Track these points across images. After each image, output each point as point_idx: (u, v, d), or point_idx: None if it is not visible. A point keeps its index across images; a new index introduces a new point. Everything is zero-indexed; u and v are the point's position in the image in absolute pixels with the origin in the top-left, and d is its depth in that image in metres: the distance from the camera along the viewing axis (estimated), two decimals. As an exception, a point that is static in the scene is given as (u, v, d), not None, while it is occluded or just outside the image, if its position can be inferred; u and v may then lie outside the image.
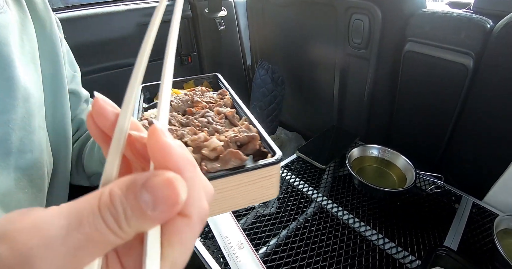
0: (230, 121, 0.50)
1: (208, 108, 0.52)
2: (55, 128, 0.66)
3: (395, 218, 0.99)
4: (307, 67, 1.64)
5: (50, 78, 0.64)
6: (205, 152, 0.40)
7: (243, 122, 0.49)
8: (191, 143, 0.41)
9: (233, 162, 0.40)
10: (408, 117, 1.30)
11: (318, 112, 1.74)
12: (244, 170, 0.40)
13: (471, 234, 0.96)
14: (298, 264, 0.83)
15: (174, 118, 0.47)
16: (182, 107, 0.52)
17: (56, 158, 0.67)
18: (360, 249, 0.88)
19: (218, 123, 0.48)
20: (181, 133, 0.43)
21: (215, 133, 0.46)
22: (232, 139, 0.42)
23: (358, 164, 1.13)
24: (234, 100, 0.57)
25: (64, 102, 0.67)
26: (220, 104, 0.54)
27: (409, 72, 1.20)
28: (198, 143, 0.41)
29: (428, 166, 1.11)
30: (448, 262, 0.81)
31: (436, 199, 1.08)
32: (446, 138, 1.21)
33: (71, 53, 0.77)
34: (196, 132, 0.44)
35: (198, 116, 0.49)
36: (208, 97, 0.56)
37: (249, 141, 0.43)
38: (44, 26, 0.64)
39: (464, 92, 1.08)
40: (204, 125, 0.47)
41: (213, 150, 0.40)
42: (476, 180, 1.18)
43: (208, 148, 0.41)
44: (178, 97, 0.54)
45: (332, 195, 1.07)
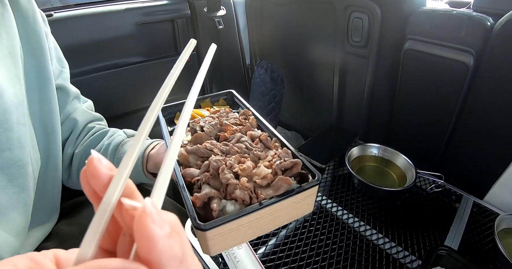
0: (265, 144, 0.55)
1: (239, 131, 0.56)
2: (43, 125, 0.64)
3: (395, 217, 0.98)
4: (306, 66, 1.63)
5: (34, 72, 0.62)
6: (258, 180, 0.45)
7: (275, 144, 0.54)
8: (242, 173, 0.46)
9: (283, 188, 0.45)
10: (408, 116, 1.29)
11: (318, 111, 1.73)
12: (294, 193, 0.45)
13: (472, 233, 0.95)
14: (297, 264, 0.82)
15: (215, 147, 0.51)
16: (214, 131, 0.56)
17: (46, 155, 0.65)
18: (360, 249, 0.87)
19: (255, 148, 0.52)
20: (229, 163, 0.47)
21: (258, 159, 0.50)
22: (278, 166, 0.46)
23: (358, 164, 1.12)
24: (257, 119, 0.62)
25: (51, 97, 0.66)
26: (248, 127, 0.58)
27: (409, 71, 1.19)
28: (249, 173, 0.46)
29: (428, 166, 1.10)
30: (448, 262, 0.80)
31: (436, 198, 1.07)
32: (446, 137, 1.20)
33: (59, 49, 0.75)
34: (241, 160, 0.49)
35: (235, 141, 0.53)
36: (233, 118, 0.61)
37: (293, 166, 0.47)
38: (27, 19, 0.61)
39: (464, 90, 1.07)
40: (244, 151, 0.51)
41: (263, 178, 0.45)
42: (477, 179, 1.17)
43: (259, 176, 0.45)
44: (208, 121, 0.58)
45: (332, 195, 1.06)
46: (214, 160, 0.48)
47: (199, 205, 0.44)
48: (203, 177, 0.47)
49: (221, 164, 0.47)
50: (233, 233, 0.43)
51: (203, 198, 0.44)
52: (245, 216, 0.42)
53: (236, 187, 0.45)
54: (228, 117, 0.61)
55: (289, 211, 0.48)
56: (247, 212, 0.42)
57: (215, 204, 0.43)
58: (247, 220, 0.43)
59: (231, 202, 0.45)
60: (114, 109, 1.58)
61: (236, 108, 0.75)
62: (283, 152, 0.50)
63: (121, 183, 0.23)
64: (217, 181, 0.46)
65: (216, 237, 0.42)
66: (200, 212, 0.44)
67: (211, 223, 0.40)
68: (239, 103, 0.73)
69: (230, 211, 0.44)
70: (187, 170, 0.49)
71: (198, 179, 0.47)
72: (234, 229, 0.43)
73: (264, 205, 0.43)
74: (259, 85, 1.62)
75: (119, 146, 0.75)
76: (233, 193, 0.44)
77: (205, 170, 0.48)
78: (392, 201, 1.04)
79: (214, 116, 0.62)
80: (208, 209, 0.43)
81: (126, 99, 1.63)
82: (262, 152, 0.52)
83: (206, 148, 0.51)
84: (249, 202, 0.44)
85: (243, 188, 0.44)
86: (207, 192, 0.44)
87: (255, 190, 0.45)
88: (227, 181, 0.45)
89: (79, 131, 0.77)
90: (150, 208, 0.20)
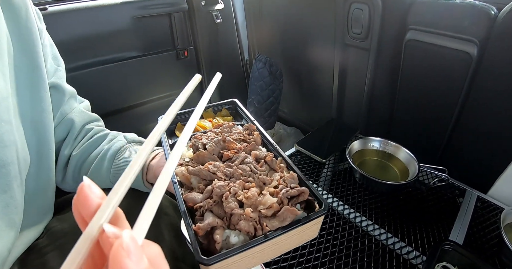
0: (270, 166, 0.54)
1: (243, 150, 0.55)
2: (34, 124, 0.61)
3: (397, 212, 0.96)
4: (305, 60, 1.60)
5: (25, 70, 0.60)
6: (263, 210, 0.44)
7: (280, 165, 0.54)
8: (247, 202, 0.44)
9: (289, 218, 0.44)
10: (410, 109, 1.26)
11: (317, 106, 1.70)
12: (300, 224, 0.44)
13: (477, 228, 0.93)
14: (297, 261, 0.79)
15: (218, 170, 0.49)
16: (216, 149, 0.55)
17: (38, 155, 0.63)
18: (362, 244, 0.85)
19: (260, 171, 0.51)
20: (233, 190, 0.46)
21: (263, 184, 0.50)
22: (285, 195, 0.45)
23: (359, 158, 1.10)
24: (262, 134, 0.61)
25: (44, 96, 0.63)
26: (253, 145, 0.57)
27: (410, 62, 1.16)
28: (254, 201, 0.45)
29: (430, 160, 1.07)
30: (454, 257, 0.77)
31: (439, 192, 1.05)
32: (449, 131, 1.18)
33: (55, 46, 0.72)
34: (245, 185, 0.48)
35: (238, 162, 0.52)
36: (236, 133, 0.60)
37: (299, 194, 0.46)
38: (19, 15, 0.58)
39: (467, 81, 1.04)
40: (248, 175, 0.50)
41: (269, 208, 0.44)
42: (480, 174, 1.15)
43: (264, 205, 0.44)
44: (210, 138, 0.57)
45: (332, 189, 1.03)
46: (217, 186, 0.46)
47: (202, 235, 0.42)
48: (206, 204, 0.45)
49: (225, 191, 0.46)
50: (236, 263, 0.42)
51: (205, 228, 0.42)
52: (249, 249, 0.41)
53: (240, 217, 0.43)
54: (232, 132, 0.60)
55: (294, 239, 0.47)
56: (251, 245, 0.41)
57: (218, 235, 0.42)
58: (251, 252, 0.42)
59: (235, 232, 0.43)
60: (110, 105, 1.55)
61: (239, 119, 0.74)
62: (289, 177, 0.49)
63: (108, 211, 0.23)
64: (221, 209, 0.45)
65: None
66: (202, 241, 0.43)
67: (215, 258, 0.39)
68: (242, 114, 0.72)
69: (234, 242, 0.43)
70: (189, 194, 0.48)
71: (201, 206, 0.46)
72: (237, 261, 0.42)
73: (270, 238, 0.42)
74: (258, 79, 1.59)
75: (119, 152, 0.73)
76: (238, 224, 0.43)
77: (208, 196, 0.47)
78: (394, 196, 1.01)
79: (217, 131, 0.60)
80: (211, 239, 0.42)
81: (122, 95, 1.60)
82: (267, 175, 0.52)
83: (209, 171, 0.49)
84: (254, 233, 0.43)
85: (247, 218, 0.43)
86: (210, 222, 0.43)
87: (260, 220, 0.44)
88: (231, 211, 0.44)
89: (77, 133, 0.74)
90: (127, 243, 0.19)
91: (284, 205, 0.45)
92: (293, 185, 0.48)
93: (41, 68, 0.62)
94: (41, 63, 0.62)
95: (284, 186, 0.48)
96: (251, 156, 0.54)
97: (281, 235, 0.43)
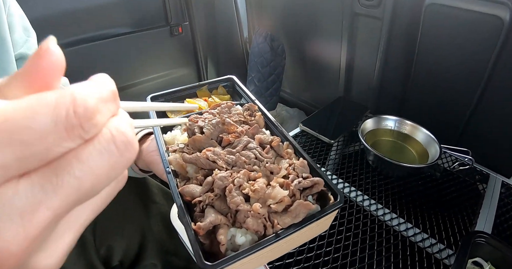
0: (276, 152, 0.49)
1: (245, 133, 0.50)
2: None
3: (417, 199, 0.85)
4: (310, 33, 1.47)
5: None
6: (273, 206, 0.39)
7: (287, 150, 0.49)
8: (254, 195, 0.40)
9: (302, 214, 0.40)
10: (427, 85, 1.14)
11: (323, 84, 1.58)
12: (315, 220, 0.40)
13: (504, 217, 0.82)
14: (305, 256, 0.68)
15: (219, 158, 0.44)
16: (215, 133, 0.50)
17: None
18: (379, 236, 0.74)
19: (267, 159, 0.47)
20: (237, 181, 0.41)
21: (270, 173, 0.45)
22: (297, 186, 0.41)
23: (372, 138, 0.98)
24: (264, 115, 0.56)
25: (9, 68, 0.60)
26: (256, 128, 0.52)
27: (430, 31, 1.03)
28: (262, 195, 0.40)
29: (447, 142, 0.96)
30: (486, 252, 0.66)
31: (459, 177, 0.94)
32: (470, 109, 1.06)
33: (25, 17, 0.68)
34: (250, 175, 0.43)
35: (241, 148, 0.47)
36: (236, 114, 0.55)
37: (313, 185, 0.42)
38: None
39: (496, 52, 0.92)
40: (253, 163, 0.45)
41: (280, 202, 0.39)
42: (504, 157, 1.04)
43: (274, 199, 0.40)
44: (208, 120, 0.51)
45: (343, 174, 0.92)
46: (219, 178, 0.41)
47: (202, 235, 0.37)
48: (206, 198, 0.40)
49: (228, 183, 0.40)
50: (243, 265, 0.38)
51: (207, 227, 0.37)
52: (259, 251, 0.37)
53: (247, 214, 0.38)
54: (231, 112, 0.55)
55: (306, 235, 0.44)
56: (261, 247, 0.36)
57: (222, 236, 0.37)
58: (260, 253, 0.37)
59: (241, 231, 0.39)
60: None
61: (238, 99, 0.69)
62: (300, 165, 0.45)
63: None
64: (224, 204, 0.40)
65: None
66: (204, 241, 0.38)
67: (219, 264, 0.34)
68: (241, 93, 0.66)
69: (241, 243, 0.38)
70: (186, 187, 0.42)
71: (201, 201, 0.40)
72: (245, 263, 0.37)
73: (281, 237, 0.38)
74: (258, 55, 1.46)
75: None
76: (245, 222, 0.38)
77: (208, 189, 0.41)
78: (412, 181, 0.90)
79: (215, 112, 0.54)
80: (213, 238, 0.38)
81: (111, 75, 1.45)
82: (274, 163, 0.47)
83: (208, 159, 0.44)
84: (263, 232, 0.38)
85: (255, 215, 0.38)
86: (212, 221, 0.38)
87: (270, 217, 0.39)
88: (237, 207, 0.39)
89: None
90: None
91: (296, 198, 0.41)
92: (304, 174, 0.44)
93: (5, 39, 0.59)
94: (5, 34, 0.59)
95: (295, 175, 0.43)
96: (254, 141, 0.49)
97: (294, 233, 0.38)
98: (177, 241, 0.80)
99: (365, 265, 0.67)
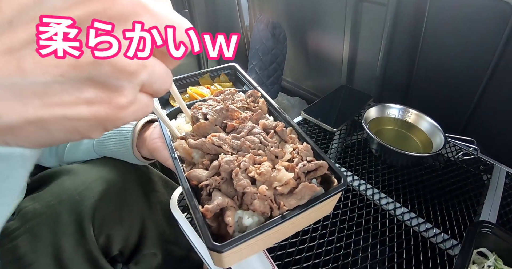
0: (280, 137, 0.50)
1: (249, 119, 0.51)
2: None
3: (421, 189, 0.83)
4: (312, 20, 1.44)
5: None
6: (279, 188, 0.40)
7: (291, 135, 0.50)
8: (260, 178, 0.40)
9: (307, 196, 0.41)
10: (432, 74, 1.12)
11: (325, 73, 1.55)
12: (320, 202, 0.40)
13: (509, 208, 0.81)
14: (307, 245, 0.67)
15: (224, 142, 0.45)
16: (219, 119, 0.50)
17: None
18: (383, 225, 0.72)
19: (271, 143, 0.47)
20: (243, 164, 0.41)
21: (275, 157, 0.45)
22: (301, 169, 0.42)
23: (375, 126, 0.96)
24: (267, 101, 0.57)
25: None
26: (259, 113, 0.53)
27: (436, 16, 1.00)
28: (268, 178, 0.41)
29: (452, 132, 0.94)
30: (490, 242, 0.65)
31: (463, 167, 0.93)
32: (476, 98, 1.04)
33: None
34: (256, 159, 0.43)
35: (245, 133, 0.47)
36: (239, 101, 0.55)
37: (317, 168, 0.43)
38: None
39: (504, 38, 0.90)
40: (258, 147, 0.46)
41: (285, 184, 0.40)
42: (509, 147, 1.02)
43: (280, 182, 0.40)
44: (211, 107, 0.51)
45: (346, 162, 0.90)
46: (225, 161, 0.41)
47: (210, 217, 0.38)
48: (212, 181, 0.41)
49: (234, 167, 0.41)
50: (250, 247, 0.39)
51: (215, 210, 0.38)
52: (265, 232, 0.38)
53: (254, 196, 0.39)
54: (234, 99, 0.56)
55: (311, 216, 0.45)
56: (268, 228, 0.38)
57: (229, 218, 0.37)
58: (267, 234, 0.39)
59: (248, 213, 0.40)
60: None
61: (240, 86, 0.70)
62: (304, 149, 0.45)
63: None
64: (230, 187, 0.41)
65: (232, 254, 0.37)
66: (211, 224, 0.38)
67: (228, 244, 0.35)
68: (243, 80, 0.67)
69: (248, 224, 0.39)
70: (193, 171, 0.43)
71: (207, 184, 0.41)
72: (252, 244, 0.38)
73: (288, 218, 0.39)
74: (259, 42, 1.43)
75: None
76: (252, 204, 0.39)
77: (215, 173, 0.42)
78: (416, 170, 0.89)
79: (218, 99, 0.55)
80: (221, 221, 0.39)
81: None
82: (278, 147, 0.48)
83: (213, 144, 0.44)
84: (270, 214, 0.39)
85: (262, 197, 0.39)
86: (219, 203, 0.38)
87: (276, 199, 0.40)
88: (244, 189, 0.39)
89: None
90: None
91: (301, 181, 0.41)
92: (309, 158, 0.44)
93: None
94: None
95: (299, 159, 0.44)
96: (258, 126, 0.50)
97: (300, 214, 0.39)
98: (177, 230, 0.79)
99: (368, 254, 0.65)
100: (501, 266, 0.63)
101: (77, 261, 0.67)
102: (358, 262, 0.64)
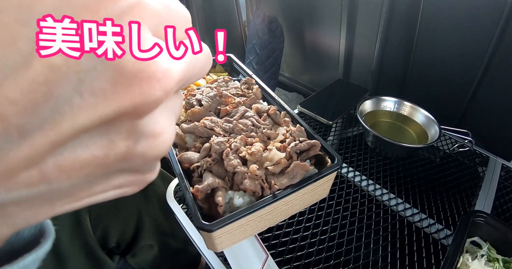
0: (274, 120, 0.49)
1: (242, 104, 0.51)
2: None
3: (415, 180, 0.84)
4: (308, 15, 1.44)
5: None
6: (270, 167, 0.39)
7: (285, 119, 0.49)
8: (251, 158, 0.40)
9: (299, 175, 0.40)
10: (428, 66, 1.12)
11: (322, 67, 1.56)
12: (313, 181, 0.40)
13: (504, 200, 0.82)
14: (301, 235, 0.67)
15: (216, 125, 0.45)
16: (213, 105, 0.50)
17: None
18: (377, 216, 0.73)
19: (264, 125, 0.47)
20: (234, 145, 0.41)
21: (268, 139, 0.45)
22: (294, 149, 0.41)
23: (370, 119, 0.96)
24: (262, 88, 0.56)
25: None
26: (253, 98, 0.52)
27: (432, 9, 1.01)
28: (259, 157, 0.40)
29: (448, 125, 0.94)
30: (484, 231, 0.65)
31: (459, 160, 0.93)
32: (471, 91, 1.04)
33: None
34: (248, 140, 0.43)
35: (238, 117, 0.47)
36: (234, 88, 0.55)
37: (310, 148, 0.42)
38: None
39: (499, 30, 0.89)
40: (250, 130, 0.46)
41: (277, 164, 0.40)
42: (504, 140, 1.03)
43: (271, 161, 0.40)
44: (205, 93, 0.51)
45: (341, 154, 0.91)
46: (216, 143, 0.41)
47: (201, 198, 0.38)
48: (204, 163, 0.40)
49: (225, 147, 0.41)
50: (242, 228, 0.38)
51: (205, 190, 0.38)
52: (256, 211, 0.37)
53: (244, 176, 0.39)
54: (228, 86, 0.56)
55: (305, 198, 0.43)
56: (259, 207, 0.37)
57: (220, 197, 0.37)
58: (258, 215, 0.38)
59: (239, 193, 0.39)
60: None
61: (235, 76, 0.68)
62: (297, 130, 0.45)
63: None
64: (221, 168, 0.40)
65: (223, 235, 0.37)
66: (202, 205, 0.38)
67: (218, 223, 0.35)
68: (239, 70, 0.65)
69: (239, 204, 0.38)
70: (184, 154, 0.43)
71: (198, 166, 0.41)
72: (243, 225, 0.38)
73: (279, 198, 0.38)
74: (256, 37, 1.43)
75: None
76: (242, 183, 0.38)
77: (206, 155, 0.42)
78: (411, 162, 0.89)
79: (212, 86, 0.55)
80: (212, 202, 0.38)
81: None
82: (271, 129, 0.47)
83: (205, 127, 0.44)
84: (261, 193, 0.39)
85: (253, 177, 0.39)
86: (209, 183, 0.38)
87: (267, 178, 0.40)
88: (234, 169, 0.39)
89: None
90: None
91: (293, 160, 0.41)
92: (301, 138, 0.43)
93: None
94: None
95: (292, 139, 0.43)
96: (252, 110, 0.49)
97: (292, 193, 0.39)
98: (173, 222, 0.79)
99: (362, 244, 0.66)
100: (494, 255, 0.64)
101: (74, 252, 0.67)
102: (351, 252, 0.64)
